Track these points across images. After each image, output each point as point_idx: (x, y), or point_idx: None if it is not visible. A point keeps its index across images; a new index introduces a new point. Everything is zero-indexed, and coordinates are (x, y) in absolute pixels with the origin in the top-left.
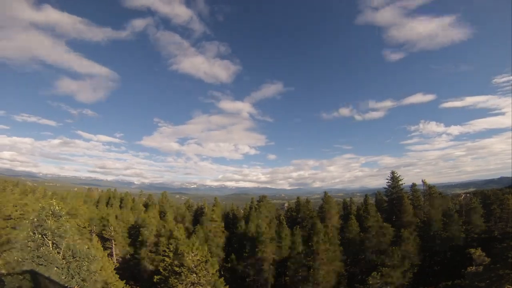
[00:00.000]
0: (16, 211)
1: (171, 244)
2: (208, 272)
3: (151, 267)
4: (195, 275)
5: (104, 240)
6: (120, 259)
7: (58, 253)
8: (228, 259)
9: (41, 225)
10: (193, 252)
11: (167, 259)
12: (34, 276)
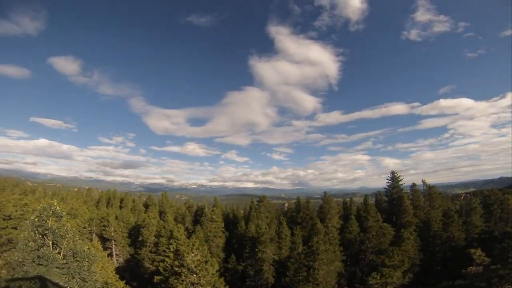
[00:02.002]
0: (17, 211)
1: (171, 244)
2: (208, 272)
3: (151, 267)
4: (195, 275)
5: (104, 240)
6: (121, 259)
7: (59, 253)
8: (228, 259)
9: (42, 225)
10: (193, 252)
11: (167, 259)
12: (35, 276)
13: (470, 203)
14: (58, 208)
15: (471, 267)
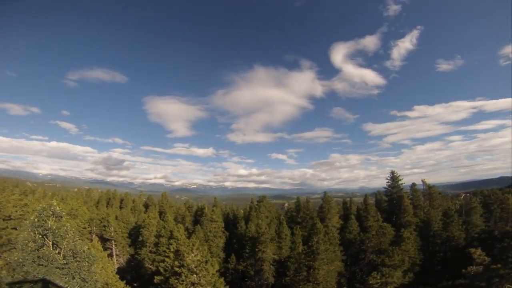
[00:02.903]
0: (16, 211)
1: (171, 244)
2: (208, 272)
3: (151, 268)
4: (195, 275)
5: (104, 240)
6: (121, 259)
7: (59, 253)
8: (228, 259)
9: (42, 226)
10: (193, 253)
11: (167, 259)
12: (37, 279)
13: (470, 203)
14: (57, 208)
15: (471, 267)
